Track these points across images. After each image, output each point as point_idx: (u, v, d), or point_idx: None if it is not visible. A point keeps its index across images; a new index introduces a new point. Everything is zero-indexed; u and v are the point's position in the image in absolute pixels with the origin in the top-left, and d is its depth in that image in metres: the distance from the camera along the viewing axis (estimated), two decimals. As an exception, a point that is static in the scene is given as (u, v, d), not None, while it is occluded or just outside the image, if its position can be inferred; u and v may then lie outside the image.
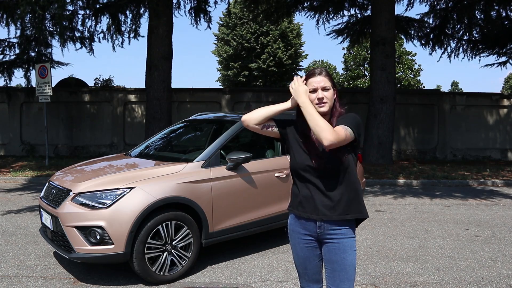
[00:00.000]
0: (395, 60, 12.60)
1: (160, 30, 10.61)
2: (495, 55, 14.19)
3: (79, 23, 11.63)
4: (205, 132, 5.73)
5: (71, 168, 4.57)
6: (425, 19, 13.51)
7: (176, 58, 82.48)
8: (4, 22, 10.68)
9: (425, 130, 14.18)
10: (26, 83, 13.01)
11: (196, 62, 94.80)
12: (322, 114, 2.06)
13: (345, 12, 13.82)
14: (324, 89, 2.06)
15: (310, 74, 2.11)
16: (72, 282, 3.76)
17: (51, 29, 11.52)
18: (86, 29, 11.95)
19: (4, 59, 12.69)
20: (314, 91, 2.07)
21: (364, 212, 2.11)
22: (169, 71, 11.02)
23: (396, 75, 16.51)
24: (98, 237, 3.49)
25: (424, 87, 34.91)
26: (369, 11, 13.27)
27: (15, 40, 12.58)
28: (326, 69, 2.12)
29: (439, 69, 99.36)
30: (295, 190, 2.17)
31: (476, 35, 13.87)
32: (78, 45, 12.18)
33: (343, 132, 1.95)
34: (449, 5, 13.16)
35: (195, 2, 12.36)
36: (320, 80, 2.07)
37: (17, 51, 12.65)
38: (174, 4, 11.74)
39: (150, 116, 10.89)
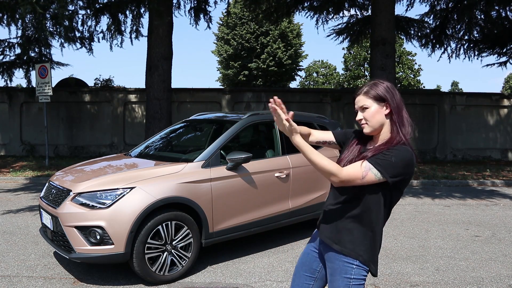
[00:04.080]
0: (395, 60, 12.60)
1: (160, 30, 10.61)
2: (495, 55, 14.19)
3: (79, 23, 11.65)
4: (205, 132, 5.74)
5: (71, 168, 4.57)
6: (425, 19, 13.51)
7: (176, 58, 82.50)
8: (5, 22, 10.69)
9: (425, 130, 14.18)
10: (26, 83, 13.02)
11: (196, 62, 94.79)
12: (370, 136, 1.93)
13: (345, 12, 13.85)
14: (362, 108, 1.86)
15: (355, 92, 1.93)
16: (72, 282, 3.76)
17: (51, 29, 11.52)
18: (86, 29, 11.97)
19: (4, 60, 12.70)
20: (356, 112, 1.91)
21: (366, 259, 1.82)
22: (169, 71, 11.02)
23: (396, 75, 16.50)
24: (98, 237, 3.49)
25: (424, 87, 34.93)
26: (369, 11, 13.27)
27: (15, 41, 12.59)
28: (372, 85, 1.86)
29: (439, 69, 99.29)
30: None
31: (477, 35, 13.87)
32: (78, 45, 12.20)
33: (358, 173, 1.72)
34: (449, 5, 13.16)
35: (195, 2, 12.36)
36: (357, 100, 1.88)
37: (17, 51, 12.67)
38: (174, 4, 11.74)
39: (150, 116, 10.88)
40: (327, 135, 2.12)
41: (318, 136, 2.11)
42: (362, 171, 1.72)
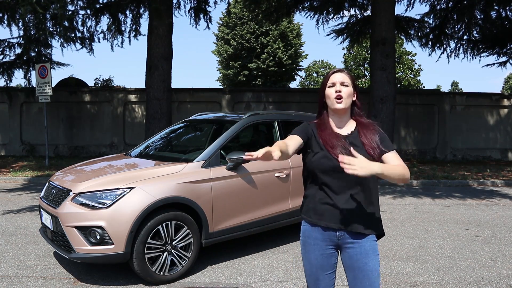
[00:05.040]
0: (395, 60, 12.59)
1: (160, 30, 10.61)
2: (495, 55, 14.19)
3: (79, 23, 11.65)
4: (205, 132, 5.74)
5: (71, 168, 4.57)
6: (425, 19, 13.51)
7: (176, 58, 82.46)
8: (6, 22, 10.69)
9: (425, 130, 14.19)
10: (26, 83, 13.02)
11: (196, 62, 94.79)
12: (339, 112, 2.03)
13: (345, 12, 13.83)
14: (342, 84, 2.01)
15: (329, 71, 2.09)
16: (72, 282, 3.76)
17: (51, 29, 11.52)
18: (86, 29, 11.97)
19: (4, 60, 12.70)
20: (332, 85, 2.02)
21: (382, 229, 2.05)
22: (169, 71, 11.02)
23: (396, 75, 16.49)
24: (98, 237, 3.49)
25: (424, 87, 34.92)
26: (369, 11, 13.27)
27: (15, 41, 12.59)
28: (348, 70, 2.10)
29: (439, 69, 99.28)
30: (311, 194, 2.05)
31: (476, 35, 13.86)
32: (78, 45, 12.20)
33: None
34: (449, 5, 13.16)
35: (195, 2, 12.36)
36: (339, 76, 2.03)
37: (17, 51, 12.67)
38: (174, 4, 11.74)
39: (150, 116, 10.88)
40: (296, 140, 2.02)
41: (293, 145, 1.98)
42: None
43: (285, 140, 2.00)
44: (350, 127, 2.07)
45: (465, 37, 13.82)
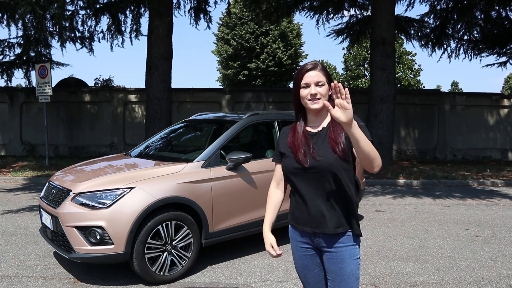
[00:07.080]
0: (395, 60, 12.59)
1: (160, 30, 10.61)
2: (495, 55, 14.19)
3: (79, 23, 11.65)
4: (205, 132, 5.74)
5: (71, 168, 4.57)
6: (425, 19, 13.51)
7: (176, 58, 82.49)
8: (5, 22, 10.69)
9: (425, 130, 14.19)
10: (26, 83, 13.03)
11: (196, 62, 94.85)
12: (315, 112, 1.95)
13: (345, 12, 13.85)
14: (317, 84, 1.90)
15: (303, 68, 1.94)
16: (72, 282, 3.76)
17: (51, 29, 11.53)
18: (86, 29, 11.97)
19: (4, 60, 12.70)
20: (306, 86, 1.91)
21: (358, 227, 1.96)
22: (169, 71, 11.02)
23: (396, 75, 16.49)
24: (98, 237, 3.49)
25: (424, 87, 34.93)
26: (369, 11, 13.28)
27: (15, 41, 12.60)
28: (321, 63, 1.96)
29: (439, 69, 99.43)
30: (290, 197, 2.06)
31: (477, 35, 13.87)
32: (78, 45, 12.21)
33: None
34: (449, 5, 13.16)
35: (195, 2, 12.37)
36: (313, 75, 1.90)
37: (17, 51, 12.68)
38: (174, 4, 11.75)
39: (150, 116, 10.88)
40: (278, 167, 2.11)
41: (281, 175, 2.10)
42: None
43: (273, 179, 2.16)
44: (325, 122, 1.99)
45: (465, 37, 13.83)
